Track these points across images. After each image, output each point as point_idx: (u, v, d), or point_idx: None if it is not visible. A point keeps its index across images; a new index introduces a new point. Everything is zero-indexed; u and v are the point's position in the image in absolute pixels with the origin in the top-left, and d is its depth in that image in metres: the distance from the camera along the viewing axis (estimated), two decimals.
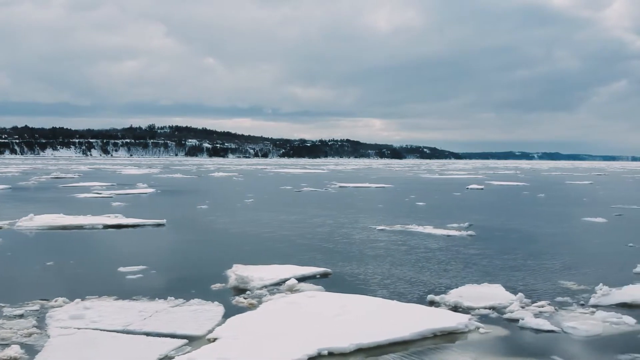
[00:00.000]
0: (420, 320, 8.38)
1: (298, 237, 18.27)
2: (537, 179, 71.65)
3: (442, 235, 18.74)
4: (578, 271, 13.06)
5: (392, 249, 15.95)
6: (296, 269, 12.24)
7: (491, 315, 9.27)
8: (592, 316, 9.14)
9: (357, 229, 20.34)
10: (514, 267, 13.44)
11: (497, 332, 8.44)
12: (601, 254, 15.59)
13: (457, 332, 8.26)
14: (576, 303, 10.04)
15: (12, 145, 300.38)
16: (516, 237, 18.70)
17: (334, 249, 15.96)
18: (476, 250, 15.83)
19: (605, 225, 22.30)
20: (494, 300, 9.93)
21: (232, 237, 18.35)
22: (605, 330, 8.50)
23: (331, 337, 7.57)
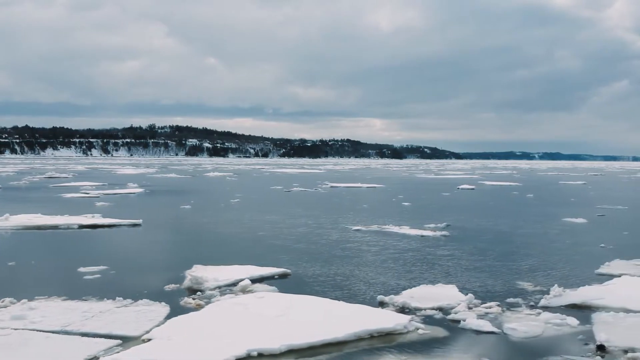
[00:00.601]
0: (360, 321, 8.38)
1: (272, 237, 18.28)
2: (531, 180, 71.57)
3: (416, 236, 18.74)
4: (541, 272, 13.06)
5: (361, 250, 15.95)
6: (256, 270, 12.25)
7: (436, 316, 9.27)
8: (537, 317, 9.14)
9: (334, 229, 20.33)
10: (478, 268, 13.43)
11: (436, 333, 8.45)
12: (570, 255, 15.57)
13: (395, 333, 8.26)
14: (526, 304, 10.04)
15: (12, 145, 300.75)
16: (490, 238, 18.69)
17: (303, 249, 15.97)
18: (445, 251, 15.82)
19: (584, 226, 22.27)
20: (444, 301, 9.94)
21: (204, 238, 18.37)
22: (544, 332, 8.49)
23: (264, 338, 7.57)
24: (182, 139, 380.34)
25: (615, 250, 16.33)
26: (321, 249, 15.96)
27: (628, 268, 13.39)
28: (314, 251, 15.64)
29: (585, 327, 8.73)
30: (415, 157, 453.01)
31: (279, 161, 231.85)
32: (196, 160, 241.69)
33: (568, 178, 76.02)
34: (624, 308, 9.74)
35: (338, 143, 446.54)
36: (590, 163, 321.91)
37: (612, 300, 10.11)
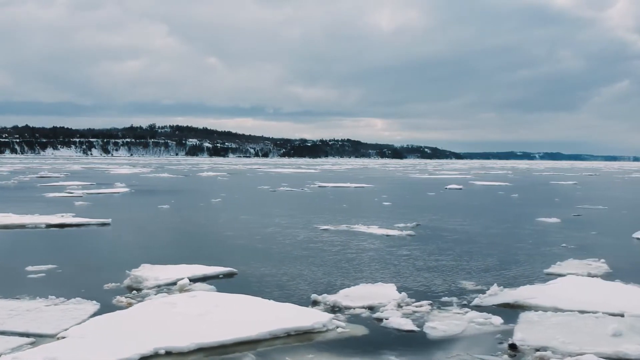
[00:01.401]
0: (280, 320, 8.41)
1: (236, 237, 18.32)
2: (524, 180, 71.55)
3: (381, 235, 18.77)
4: (491, 272, 13.07)
5: (320, 250, 15.97)
6: (202, 269, 12.29)
7: (363, 314, 9.30)
8: (463, 316, 9.16)
9: (302, 229, 20.35)
10: (429, 268, 13.45)
11: (356, 331, 8.48)
12: (527, 255, 15.54)
13: (314, 332, 8.30)
14: (458, 304, 10.05)
15: (12, 145, 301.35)
16: (455, 238, 18.69)
17: (262, 249, 16.01)
18: (404, 251, 15.84)
19: (555, 226, 22.27)
20: (377, 299, 9.97)
21: (166, 237, 18.42)
22: (464, 330, 8.52)
23: (176, 337, 7.61)
24: (182, 138, 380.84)
25: (575, 250, 16.35)
26: (280, 249, 15.98)
27: (579, 267, 13.41)
28: (272, 251, 15.67)
29: (508, 326, 8.75)
30: (415, 157, 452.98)
31: (277, 161, 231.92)
32: (195, 160, 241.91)
33: (561, 178, 75.95)
34: (555, 307, 9.77)
35: (338, 143, 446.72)
36: (590, 163, 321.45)
37: (545, 299, 10.13)
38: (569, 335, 8.22)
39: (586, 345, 7.79)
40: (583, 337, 8.16)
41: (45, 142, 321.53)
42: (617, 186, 58.74)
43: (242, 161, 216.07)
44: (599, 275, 12.70)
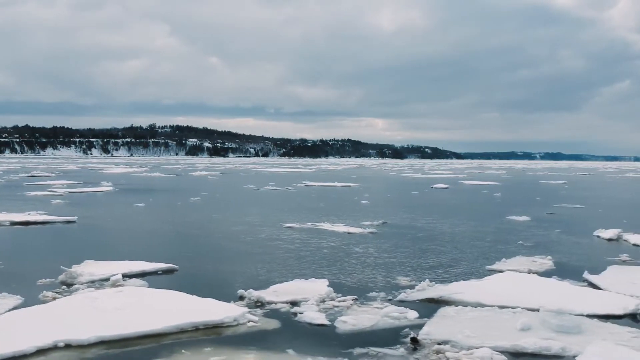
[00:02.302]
0: (192, 313, 8.49)
1: (195, 235, 18.43)
2: (515, 179, 71.60)
3: (342, 233, 18.84)
4: (435, 269, 13.12)
5: (274, 247, 16.05)
6: (143, 265, 12.40)
7: (282, 309, 9.37)
8: (379, 311, 9.23)
9: (267, 227, 20.41)
10: (376, 265, 13.50)
11: (267, 325, 8.56)
12: (480, 252, 15.57)
13: (223, 326, 8.37)
14: (383, 299, 10.12)
15: (12, 145, 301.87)
16: (417, 235, 18.73)
17: (215, 246, 16.14)
18: (360, 248, 15.88)
19: (522, 224, 22.32)
20: (302, 295, 10.04)
21: (123, 234, 18.49)
22: (375, 324, 8.59)
23: (80, 329, 7.68)
24: (182, 138, 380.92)
25: (529, 247, 16.43)
26: (234, 247, 16.07)
27: (522, 264, 13.47)
28: (224, 248, 15.77)
29: (422, 320, 8.80)
30: (416, 157, 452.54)
31: (276, 161, 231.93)
32: (193, 159, 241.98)
33: (553, 178, 75.89)
34: (478, 302, 9.83)
35: (338, 143, 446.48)
36: (590, 163, 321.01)
37: (470, 295, 10.20)
38: (477, 329, 8.28)
39: (489, 339, 7.85)
40: (490, 331, 8.22)
41: (45, 142, 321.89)
42: (605, 185, 58.69)
43: (241, 161, 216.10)
44: (539, 271, 12.75)
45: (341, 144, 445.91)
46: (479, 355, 7.20)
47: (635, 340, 7.91)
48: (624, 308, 9.49)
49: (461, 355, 7.24)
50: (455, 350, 7.46)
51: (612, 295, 10.35)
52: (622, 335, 8.15)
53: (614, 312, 9.38)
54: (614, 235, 18.31)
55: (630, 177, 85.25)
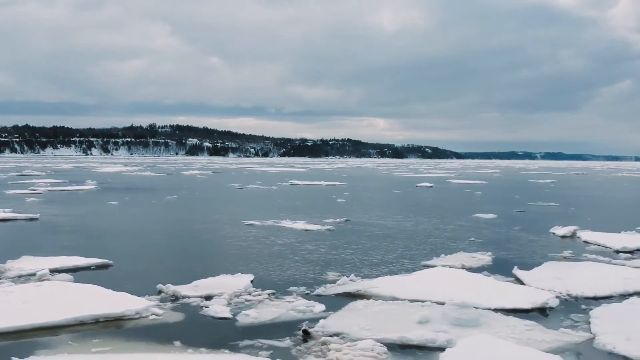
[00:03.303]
0: (95, 306, 8.59)
1: (148, 232, 18.64)
2: (504, 178, 71.63)
3: (299, 230, 18.96)
4: (372, 265, 13.20)
5: (222, 244, 16.21)
6: (77, 260, 12.54)
7: (192, 303, 9.48)
8: (288, 304, 9.32)
9: (227, 224, 20.52)
10: (318, 261, 13.58)
11: (169, 318, 8.67)
12: (428, 248, 15.62)
13: (125, 318, 8.47)
14: (300, 293, 10.24)
15: (12, 144, 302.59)
16: (373, 232, 18.80)
17: (162, 243, 16.37)
18: (310, 245, 15.93)
19: (485, 221, 22.41)
20: (220, 289, 10.15)
21: (75, 230, 18.50)
22: (275, 318, 8.70)
23: None
24: (182, 138, 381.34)
25: (479, 243, 16.52)
26: (182, 244, 16.23)
27: (459, 260, 13.56)
28: (171, 245, 15.96)
29: (327, 313, 8.91)
30: (416, 156, 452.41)
31: (274, 160, 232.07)
32: (192, 159, 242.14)
33: (544, 177, 75.88)
34: (392, 296, 9.95)
35: (339, 143, 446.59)
36: (589, 163, 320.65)
37: (386, 289, 10.30)
38: (375, 322, 8.38)
39: (381, 331, 7.94)
40: (387, 324, 8.31)
41: (45, 142, 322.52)
42: (591, 185, 58.66)
43: (239, 160, 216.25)
44: (473, 267, 12.85)
45: (341, 143, 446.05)
46: (361, 346, 7.29)
47: (526, 333, 8.00)
48: (533, 302, 9.58)
49: (344, 346, 7.33)
50: (341, 342, 7.55)
51: (528, 290, 10.43)
52: (515, 328, 8.23)
53: (522, 306, 9.46)
54: (569, 232, 18.38)
55: (622, 176, 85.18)
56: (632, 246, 15.51)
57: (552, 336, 7.94)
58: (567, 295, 10.33)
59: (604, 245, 16.02)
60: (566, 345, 7.63)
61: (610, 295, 10.28)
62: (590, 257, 14.27)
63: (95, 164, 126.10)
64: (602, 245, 16.05)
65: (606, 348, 7.51)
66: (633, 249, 15.38)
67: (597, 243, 16.40)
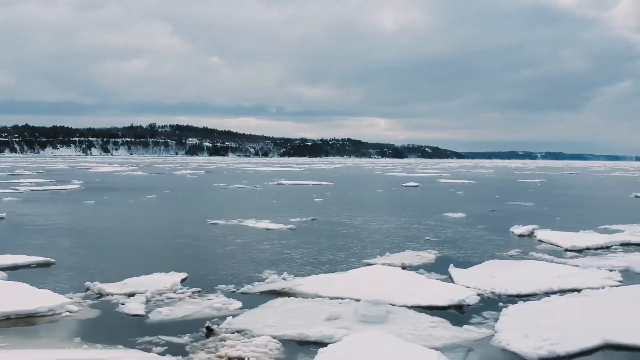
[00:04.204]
0: (7, 303, 8.69)
1: (105, 230, 18.74)
2: (494, 178, 71.68)
3: (261, 229, 19.08)
4: (317, 264, 13.31)
5: (175, 243, 16.35)
6: (19, 259, 12.66)
7: (112, 301, 9.59)
8: (208, 302, 9.45)
9: (191, 223, 20.67)
10: (263, 260, 13.70)
11: (83, 315, 8.80)
12: (376, 246, 15.67)
13: (37, 315, 8.58)
14: (225, 291, 10.33)
15: (12, 144, 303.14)
16: (335, 232, 18.88)
17: (115, 242, 16.42)
18: (264, 245, 16.00)
19: (451, 220, 22.50)
20: (147, 287, 10.24)
21: (32, 230, 18.53)
22: (186, 315, 8.81)
23: None
24: (182, 138, 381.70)
25: (433, 242, 16.61)
26: (134, 242, 16.41)
27: (403, 258, 13.66)
28: (123, 244, 16.11)
29: (241, 311, 9.03)
30: (416, 156, 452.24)
31: (273, 160, 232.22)
32: (191, 159, 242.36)
33: (535, 177, 75.94)
34: (315, 294, 10.07)
35: (339, 142, 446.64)
36: (589, 163, 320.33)
37: (312, 287, 10.42)
38: (284, 319, 8.48)
39: (284, 328, 8.04)
40: (295, 321, 8.40)
41: (45, 142, 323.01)
42: (579, 184, 58.65)
43: (237, 160, 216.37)
44: (412, 265, 12.96)
45: (341, 143, 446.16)
46: (256, 343, 7.39)
47: (428, 330, 8.11)
48: (451, 300, 9.67)
49: (239, 343, 7.43)
50: (240, 338, 7.65)
51: (453, 288, 10.51)
52: (420, 325, 8.33)
53: (439, 303, 9.56)
54: (527, 231, 18.46)
55: (614, 176, 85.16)
56: (581, 245, 15.58)
57: (453, 333, 8.03)
58: (491, 292, 10.42)
59: (556, 244, 16.09)
60: (462, 342, 7.73)
61: (534, 293, 10.35)
62: (535, 256, 14.36)
63: (92, 163, 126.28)
64: (554, 244, 16.13)
65: (500, 345, 7.60)
66: (582, 247, 15.46)
67: (549, 242, 16.48)
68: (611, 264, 13.04)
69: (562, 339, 7.58)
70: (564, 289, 10.60)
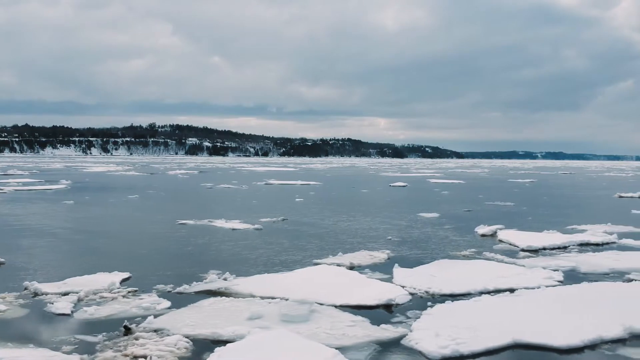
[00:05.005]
0: None
1: (75, 231, 18.76)
2: (486, 178, 71.73)
3: (227, 229, 19.19)
4: (265, 264, 13.34)
5: (133, 243, 16.53)
6: None
7: (44, 300, 9.67)
8: (139, 302, 9.53)
9: (160, 223, 20.80)
10: (215, 259, 13.81)
11: (9, 315, 8.90)
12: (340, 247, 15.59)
13: None
14: (161, 291, 10.43)
15: (11, 144, 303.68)
16: (302, 232, 18.95)
17: (74, 242, 16.51)
18: (225, 245, 16.09)
19: (422, 220, 22.59)
20: (84, 287, 10.32)
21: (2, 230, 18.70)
22: (110, 315, 8.90)
23: None
24: (182, 138, 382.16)
25: (394, 242, 16.71)
26: (92, 242, 16.39)
27: (353, 258, 13.74)
28: (81, 244, 16.17)
29: (169, 310, 9.12)
30: (416, 156, 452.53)
31: (271, 160, 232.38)
32: (191, 158, 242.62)
33: (527, 177, 75.97)
34: (249, 294, 10.17)
35: (339, 142, 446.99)
36: (588, 162, 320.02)
37: (248, 287, 10.53)
38: (204, 319, 8.59)
39: (202, 327, 8.16)
40: (216, 320, 8.50)
41: (44, 142, 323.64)
42: (568, 184, 58.65)
43: (236, 160, 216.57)
44: (360, 265, 13.03)
45: (341, 143, 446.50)
46: (166, 342, 7.49)
47: (344, 329, 8.19)
48: (380, 299, 9.76)
49: (150, 342, 7.53)
50: (153, 338, 7.74)
51: (387, 287, 10.57)
52: (340, 324, 8.42)
53: (368, 302, 9.65)
54: (490, 231, 18.53)
55: (608, 175, 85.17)
56: (537, 245, 15.67)
57: (368, 332, 8.11)
58: (425, 292, 10.50)
59: (514, 244, 16.17)
60: (373, 341, 7.81)
61: (467, 293, 10.42)
62: (488, 256, 14.44)
63: (89, 164, 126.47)
64: (512, 244, 16.21)
65: (409, 344, 7.69)
66: (538, 247, 15.55)
67: (508, 242, 16.56)
68: (558, 264, 13.12)
69: (472, 339, 7.67)
70: (500, 288, 10.67)
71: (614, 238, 17.36)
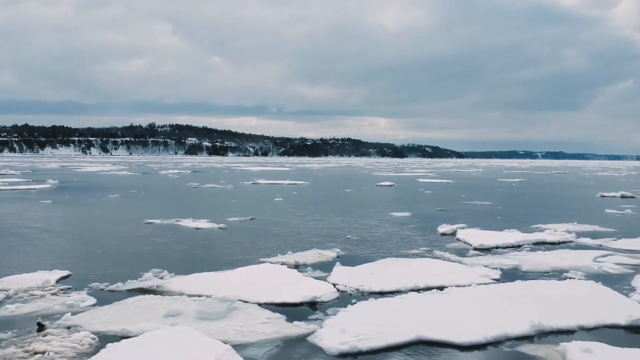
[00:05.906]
0: None
1: (36, 231, 18.87)
2: (477, 178, 71.80)
3: (191, 229, 19.33)
4: (211, 263, 13.44)
5: (94, 242, 16.54)
6: None
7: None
8: (65, 299, 9.67)
9: (128, 222, 20.90)
10: (161, 258, 13.82)
11: None
12: (289, 245, 15.72)
13: None
14: (93, 288, 10.55)
15: (11, 144, 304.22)
16: (262, 231, 19.03)
17: (32, 240, 16.59)
18: (181, 245, 16.16)
19: (391, 219, 22.69)
20: (14, 285, 10.46)
21: None
22: (34, 312, 9.01)
23: None
24: (182, 137, 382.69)
25: (351, 241, 16.79)
26: (47, 241, 16.51)
27: (301, 257, 13.84)
28: (35, 242, 16.25)
29: (93, 308, 9.24)
30: (416, 156, 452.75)
31: (269, 160, 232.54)
32: (190, 158, 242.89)
33: (518, 176, 76.01)
34: (180, 292, 10.27)
35: (338, 142, 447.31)
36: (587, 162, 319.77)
37: (179, 285, 10.64)
38: (122, 316, 8.71)
39: (115, 324, 8.27)
40: (134, 317, 8.62)
41: (44, 142, 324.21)
42: (556, 184, 58.68)
43: (234, 160, 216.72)
44: (305, 264, 13.14)
45: (341, 143, 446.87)
46: (73, 338, 7.60)
47: (258, 326, 8.30)
48: (304, 297, 9.87)
49: (56, 338, 7.64)
50: (61, 334, 7.86)
51: (316, 285, 10.67)
52: (255, 321, 8.53)
53: (292, 300, 9.77)
54: (450, 230, 18.64)
55: (601, 175, 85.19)
56: (489, 244, 15.78)
57: (278, 329, 8.23)
58: (355, 290, 10.61)
59: (468, 242, 16.29)
60: (281, 337, 7.93)
61: (397, 290, 10.52)
62: (437, 254, 14.54)
63: (85, 163, 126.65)
64: (467, 243, 16.33)
65: (313, 340, 7.80)
66: (490, 246, 15.66)
67: (464, 241, 16.67)
68: (502, 262, 13.22)
69: (375, 335, 7.78)
70: (430, 286, 10.77)
71: (572, 237, 17.45)
